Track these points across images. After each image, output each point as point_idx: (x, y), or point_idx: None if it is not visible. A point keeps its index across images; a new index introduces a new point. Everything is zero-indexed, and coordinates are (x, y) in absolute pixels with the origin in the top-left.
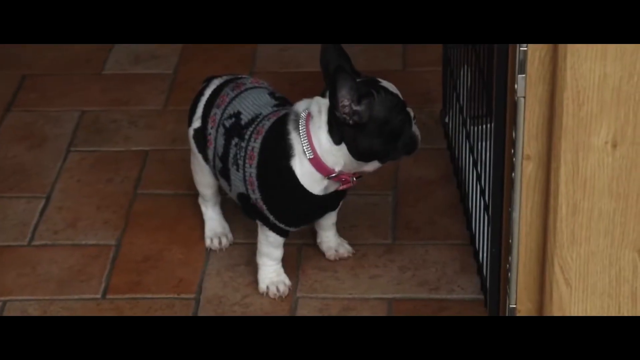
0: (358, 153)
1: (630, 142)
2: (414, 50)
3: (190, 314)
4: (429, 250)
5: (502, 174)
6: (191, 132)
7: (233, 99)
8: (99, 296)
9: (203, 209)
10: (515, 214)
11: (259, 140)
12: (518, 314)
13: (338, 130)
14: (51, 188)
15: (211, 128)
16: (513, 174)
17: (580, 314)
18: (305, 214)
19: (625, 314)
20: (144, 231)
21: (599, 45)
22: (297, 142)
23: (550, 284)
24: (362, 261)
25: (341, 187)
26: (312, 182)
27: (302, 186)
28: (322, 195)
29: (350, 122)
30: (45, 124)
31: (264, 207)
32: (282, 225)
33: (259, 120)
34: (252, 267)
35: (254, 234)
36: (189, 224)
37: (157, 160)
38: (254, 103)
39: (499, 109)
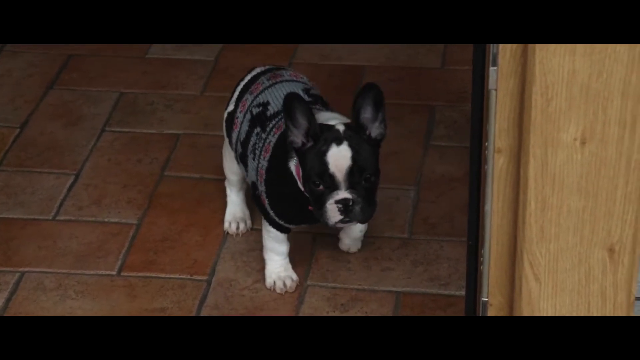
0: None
1: (599, 139)
2: (455, 49)
3: (200, 296)
4: (443, 246)
5: (479, 167)
6: (225, 114)
7: (266, 88)
8: (114, 273)
9: (228, 192)
10: (488, 207)
11: (276, 135)
12: (490, 308)
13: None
14: (81, 165)
15: (240, 112)
16: (486, 167)
17: (549, 310)
18: (304, 215)
19: (595, 313)
20: (165, 212)
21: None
22: None
23: (520, 279)
24: (376, 254)
25: None
26: None
27: (299, 188)
28: None
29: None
30: (84, 104)
31: (266, 201)
32: (281, 222)
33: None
34: None
35: None
36: (210, 207)
37: (188, 144)
38: (284, 96)
39: (475, 102)
